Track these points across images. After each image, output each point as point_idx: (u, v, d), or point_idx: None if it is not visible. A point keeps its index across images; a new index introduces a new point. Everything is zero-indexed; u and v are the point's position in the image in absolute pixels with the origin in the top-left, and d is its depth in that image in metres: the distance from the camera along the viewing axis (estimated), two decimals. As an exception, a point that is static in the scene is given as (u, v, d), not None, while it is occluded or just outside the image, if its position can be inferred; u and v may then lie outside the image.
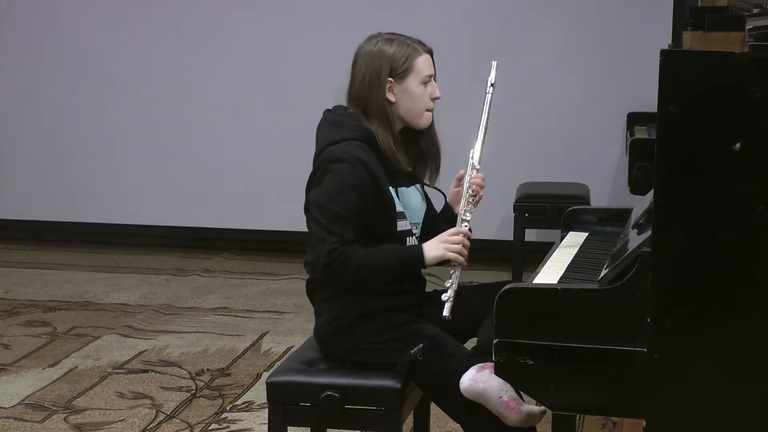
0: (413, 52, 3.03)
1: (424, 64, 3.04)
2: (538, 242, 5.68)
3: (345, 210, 2.90)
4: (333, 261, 2.87)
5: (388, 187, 3.01)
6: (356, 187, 2.92)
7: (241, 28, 6.39)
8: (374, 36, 3.08)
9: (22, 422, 4.00)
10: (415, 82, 3.03)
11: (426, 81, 3.05)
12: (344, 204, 2.91)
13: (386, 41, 3.04)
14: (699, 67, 2.12)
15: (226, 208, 6.54)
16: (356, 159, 2.94)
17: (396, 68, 3.00)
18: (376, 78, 3.00)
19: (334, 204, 2.91)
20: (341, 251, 2.87)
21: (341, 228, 2.89)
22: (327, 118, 3.09)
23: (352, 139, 2.99)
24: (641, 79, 5.56)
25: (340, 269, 2.88)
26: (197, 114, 6.49)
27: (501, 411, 2.78)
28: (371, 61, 3.01)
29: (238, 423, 4.01)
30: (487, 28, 6.10)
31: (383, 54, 3.01)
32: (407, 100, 3.03)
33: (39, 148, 6.72)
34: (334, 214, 2.90)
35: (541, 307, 2.31)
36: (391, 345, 2.97)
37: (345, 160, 2.94)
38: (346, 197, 2.91)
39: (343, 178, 2.93)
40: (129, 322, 5.23)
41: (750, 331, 2.17)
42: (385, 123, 3.02)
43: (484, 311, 3.00)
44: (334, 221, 2.89)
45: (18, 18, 6.63)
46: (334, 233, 2.89)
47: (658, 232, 2.17)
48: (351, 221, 2.91)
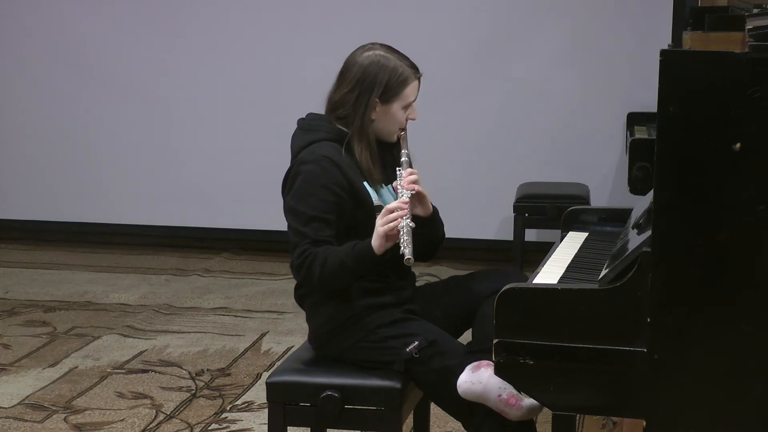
0: (406, 78, 3.02)
1: (412, 90, 3.05)
2: (538, 242, 5.68)
3: (316, 210, 2.92)
4: (302, 263, 2.91)
5: (363, 182, 3.02)
6: (326, 186, 2.94)
7: (242, 28, 6.38)
8: (369, 47, 3.06)
9: (22, 422, 4.00)
10: (399, 107, 3.04)
11: (407, 106, 3.06)
12: (314, 205, 2.92)
13: (383, 57, 3.02)
14: (699, 67, 2.12)
15: (226, 208, 6.54)
16: (324, 158, 2.96)
17: (386, 92, 3.01)
18: (365, 97, 3.00)
19: (303, 206, 2.93)
20: (309, 252, 2.90)
21: (313, 229, 2.92)
22: (300, 125, 3.12)
23: (323, 140, 3.01)
24: (641, 79, 5.58)
25: (308, 271, 2.91)
26: (197, 114, 6.49)
27: (502, 408, 2.79)
28: (364, 76, 3.00)
29: (238, 423, 4.01)
30: (488, 28, 6.10)
31: (379, 72, 3.00)
32: (386, 121, 3.05)
33: (39, 148, 6.71)
34: (306, 217, 2.92)
35: (541, 307, 2.31)
36: (387, 343, 2.97)
37: (312, 161, 2.96)
38: (317, 197, 2.93)
39: (312, 178, 2.94)
40: (129, 322, 5.23)
41: (750, 330, 2.17)
42: (364, 139, 3.03)
43: (478, 299, 3.03)
44: (305, 223, 2.92)
45: (18, 18, 6.62)
46: (306, 235, 2.92)
47: (658, 232, 2.17)
48: (325, 220, 2.93)
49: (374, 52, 3.03)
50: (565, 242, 3.10)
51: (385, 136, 3.08)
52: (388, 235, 2.87)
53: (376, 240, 2.89)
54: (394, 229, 2.86)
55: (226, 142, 6.48)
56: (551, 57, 6.06)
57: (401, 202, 2.91)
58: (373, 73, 3.00)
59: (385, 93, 3.00)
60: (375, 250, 2.88)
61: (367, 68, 3.00)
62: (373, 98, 3.00)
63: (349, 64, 3.04)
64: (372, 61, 3.01)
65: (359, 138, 3.02)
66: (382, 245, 2.88)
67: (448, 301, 3.13)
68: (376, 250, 2.88)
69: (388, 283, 3.05)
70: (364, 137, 3.02)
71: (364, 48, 3.06)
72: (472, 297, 3.07)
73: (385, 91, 3.00)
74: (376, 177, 3.06)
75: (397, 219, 2.86)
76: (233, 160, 6.48)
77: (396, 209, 2.88)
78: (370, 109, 3.01)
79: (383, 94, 3.00)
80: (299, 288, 3.12)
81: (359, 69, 3.01)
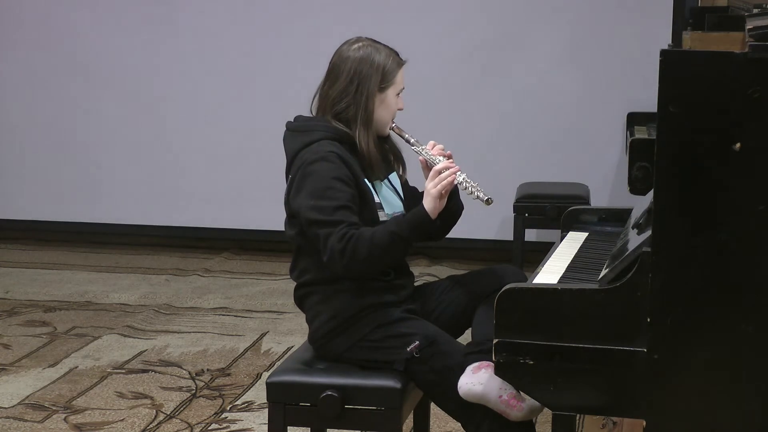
0: (396, 65, 3.07)
1: (401, 77, 3.10)
2: (538, 242, 5.68)
3: (339, 200, 2.91)
4: (345, 246, 2.86)
5: (364, 180, 3.03)
6: (340, 178, 2.94)
7: (242, 28, 6.38)
8: (355, 40, 3.10)
9: (22, 422, 4.00)
10: (393, 94, 3.08)
11: (399, 92, 3.10)
12: (336, 196, 2.92)
13: (373, 48, 3.06)
14: (699, 67, 2.12)
15: (226, 208, 6.54)
16: (332, 153, 2.97)
17: (383, 79, 3.04)
18: (365, 86, 3.03)
19: (326, 200, 2.91)
20: (351, 234, 2.87)
21: (343, 215, 2.90)
22: (290, 128, 3.12)
23: (322, 139, 3.01)
24: (641, 79, 5.58)
25: (353, 252, 2.86)
26: (198, 114, 6.49)
27: (503, 409, 2.79)
28: (360, 67, 3.03)
29: (238, 423, 4.01)
30: (487, 28, 6.10)
31: (373, 62, 3.04)
32: (382, 110, 3.08)
33: (39, 148, 6.72)
34: (332, 207, 2.90)
35: (541, 307, 2.31)
36: (387, 343, 2.97)
37: (321, 158, 2.96)
38: (336, 189, 2.92)
39: (326, 174, 2.94)
40: (129, 322, 5.23)
41: (750, 330, 2.17)
42: (371, 128, 3.05)
43: (477, 299, 3.03)
44: (334, 212, 2.90)
45: (18, 18, 6.63)
46: (339, 221, 2.89)
47: (658, 232, 2.17)
48: (350, 208, 2.92)
49: (362, 44, 3.08)
50: (565, 242, 3.11)
51: (381, 127, 3.10)
52: (441, 195, 2.89)
53: (430, 203, 2.89)
54: (449, 186, 2.89)
55: (227, 142, 6.48)
56: (551, 57, 6.06)
57: (446, 162, 2.95)
58: (368, 63, 3.03)
59: (382, 81, 3.04)
60: (430, 213, 2.89)
61: (361, 59, 3.04)
62: (372, 87, 3.03)
63: (341, 59, 3.07)
64: (364, 53, 3.05)
65: (365, 128, 3.04)
66: (436, 207, 2.89)
67: (448, 300, 3.13)
68: (431, 213, 2.89)
69: (389, 283, 3.05)
70: (370, 127, 3.05)
71: (350, 42, 3.10)
72: (472, 297, 3.07)
73: (381, 79, 3.04)
74: (378, 169, 3.07)
75: (450, 176, 2.90)
76: (233, 160, 6.48)
77: (445, 168, 2.91)
78: (371, 99, 3.03)
79: (380, 82, 3.04)
80: (299, 289, 3.12)
81: (353, 61, 3.04)
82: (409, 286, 3.13)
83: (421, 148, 3.05)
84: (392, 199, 3.12)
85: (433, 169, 2.94)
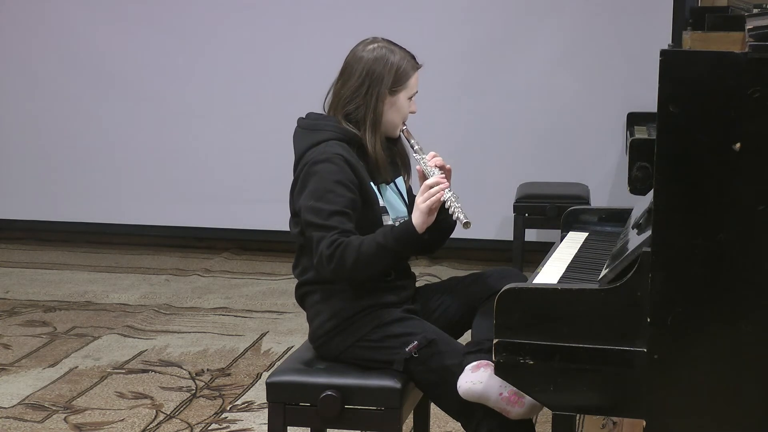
0: (410, 68, 3.06)
1: (416, 81, 3.09)
2: (538, 242, 5.68)
3: (337, 205, 2.91)
4: (334, 252, 2.87)
5: (370, 183, 3.03)
6: (342, 182, 2.94)
7: (241, 28, 6.38)
8: (371, 41, 3.10)
9: (22, 422, 4.00)
10: (405, 98, 3.08)
11: (411, 97, 3.09)
12: (334, 200, 2.92)
13: (388, 50, 3.06)
14: (699, 67, 2.12)
15: (226, 208, 6.53)
16: (337, 156, 2.96)
17: (394, 83, 3.03)
18: (375, 87, 3.03)
19: (325, 203, 2.92)
20: (340, 241, 2.88)
21: (338, 221, 2.90)
22: (301, 125, 3.12)
23: (330, 139, 3.01)
24: (641, 79, 5.58)
25: (341, 259, 2.87)
26: (197, 114, 6.49)
27: (504, 407, 2.78)
28: (372, 68, 3.03)
29: (238, 423, 4.01)
30: (487, 28, 6.10)
31: (386, 63, 3.03)
32: (393, 113, 3.07)
33: (39, 149, 6.71)
34: (328, 212, 2.91)
35: (541, 307, 2.31)
36: (386, 343, 2.97)
37: (326, 159, 2.96)
38: (336, 193, 2.92)
39: (329, 176, 2.94)
40: (129, 322, 5.23)
41: (750, 330, 2.17)
42: (379, 131, 3.05)
43: (477, 299, 3.03)
44: (329, 217, 2.91)
45: (17, 18, 6.62)
46: (332, 227, 2.90)
47: (658, 232, 2.17)
48: (346, 214, 2.92)
49: (377, 45, 3.07)
50: (565, 242, 3.11)
51: (390, 129, 3.09)
52: (430, 210, 2.88)
53: (418, 217, 2.89)
54: (437, 203, 2.88)
55: (227, 142, 6.48)
56: (551, 57, 6.06)
57: (439, 176, 2.94)
58: (381, 65, 3.03)
59: (394, 84, 3.03)
60: (417, 228, 2.88)
61: (375, 60, 3.03)
62: (383, 89, 3.02)
63: (355, 59, 3.06)
64: (378, 54, 3.04)
65: (373, 131, 3.04)
66: (424, 222, 2.89)
67: (448, 301, 3.13)
68: (418, 228, 2.88)
69: (390, 283, 3.05)
70: (378, 130, 3.04)
71: (365, 42, 3.09)
72: (471, 297, 3.07)
73: (393, 81, 3.03)
74: (385, 172, 3.07)
75: (439, 192, 2.89)
76: (233, 160, 6.48)
77: (435, 184, 2.90)
78: (381, 101, 3.03)
79: (392, 84, 3.03)
80: (300, 287, 3.12)
81: (366, 62, 3.04)
82: (410, 287, 3.13)
83: (421, 157, 3.05)
84: (397, 204, 3.12)
85: (424, 184, 2.94)
